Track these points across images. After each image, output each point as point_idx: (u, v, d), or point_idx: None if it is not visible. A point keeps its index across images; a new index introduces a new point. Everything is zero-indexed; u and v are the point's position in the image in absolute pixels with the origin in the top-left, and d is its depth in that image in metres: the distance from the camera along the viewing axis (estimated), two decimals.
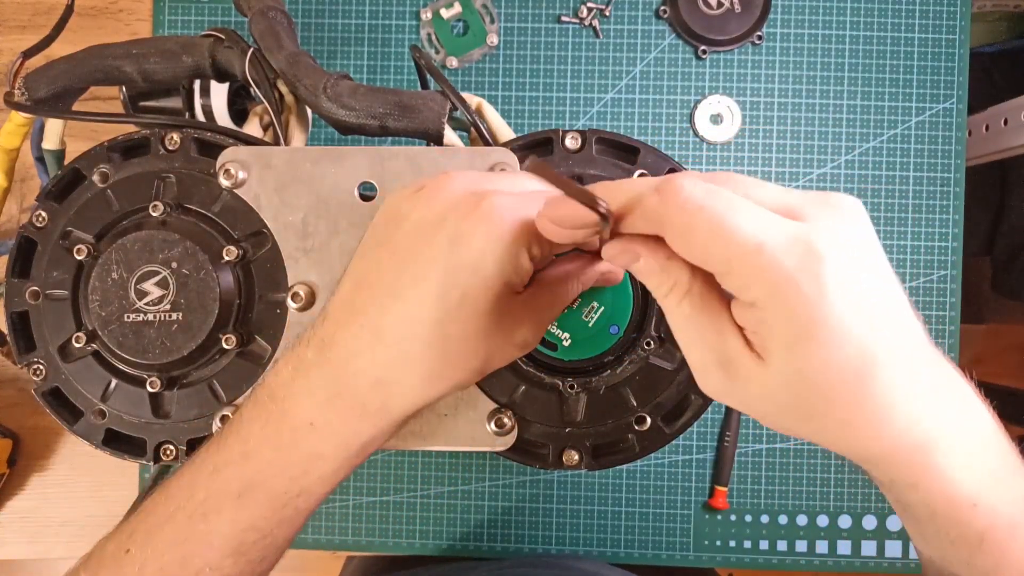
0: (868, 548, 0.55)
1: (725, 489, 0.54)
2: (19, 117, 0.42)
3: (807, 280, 0.22)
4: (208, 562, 0.29)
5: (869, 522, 0.55)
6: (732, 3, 0.54)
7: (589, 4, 0.55)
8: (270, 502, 0.29)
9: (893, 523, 0.55)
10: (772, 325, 0.23)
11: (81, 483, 0.56)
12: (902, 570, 0.55)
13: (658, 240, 0.25)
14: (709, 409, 0.48)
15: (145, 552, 0.29)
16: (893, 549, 0.55)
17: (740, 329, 0.24)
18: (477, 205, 0.27)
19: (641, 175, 0.38)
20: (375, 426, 0.29)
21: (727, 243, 0.22)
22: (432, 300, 0.27)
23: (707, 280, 0.25)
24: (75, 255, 0.37)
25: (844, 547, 0.55)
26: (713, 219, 0.22)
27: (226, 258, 0.37)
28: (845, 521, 0.55)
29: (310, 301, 0.37)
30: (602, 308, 0.36)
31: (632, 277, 0.37)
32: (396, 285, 0.28)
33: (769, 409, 0.25)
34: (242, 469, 0.29)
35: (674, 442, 0.50)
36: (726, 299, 0.25)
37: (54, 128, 0.44)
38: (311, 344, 0.29)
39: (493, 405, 0.36)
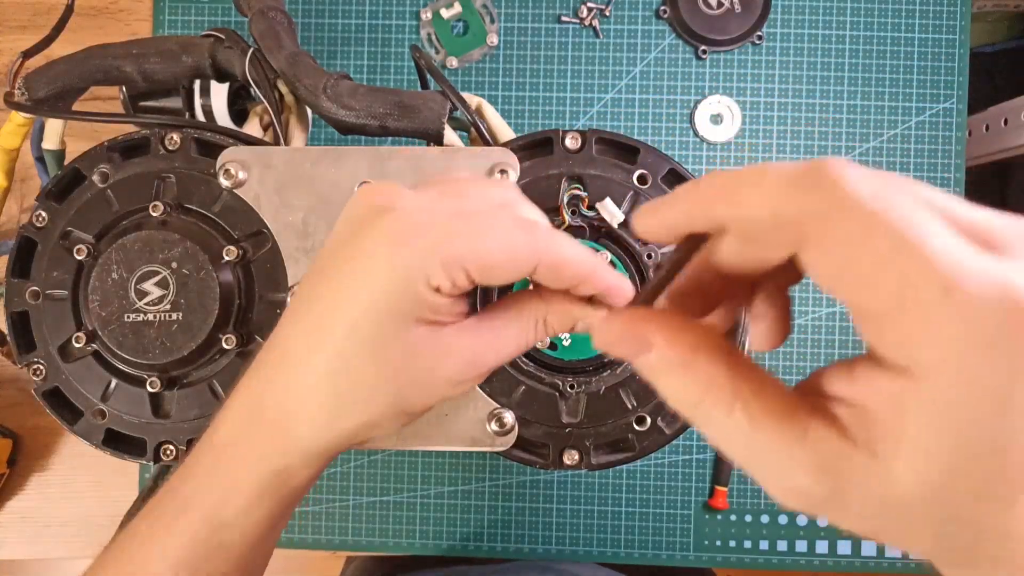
0: (868, 548, 0.55)
1: (725, 489, 0.54)
2: (19, 117, 0.42)
3: (1007, 351, 0.15)
4: None
5: None
6: (732, 3, 0.54)
7: (589, 4, 0.55)
8: (201, 525, 0.27)
9: None
10: (927, 403, 0.16)
11: (81, 483, 0.56)
12: (902, 570, 0.55)
13: (682, 321, 0.20)
14: None
15: None
16: (893, 549, 0.55)
17: (832, 417, 0.18)
18: (373, 224, 0.24)
19: (640, 176, 0.38)
20: (284, 456, 0.27)
21: (908, 269, 0.15)
22: (327, 327, 0.25)
23: (760, 376, 0.19)
24: (75, 255, 0.37)
25: (844, 547, 0.55)
26: (895, 229, 0.16)
27: (226, 258, 0.37)
28: None
29: None
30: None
31: (632, 279, 0.37)
32: (299, 309, 0.27)
33: (897, 525, 0.18)
34: (176, 494, 0.28)
35: (674, 442, 0.50)
36: (783, 387, 0.19)
37: (54, 128, 0.44)
38: (251, 367, 0.28)
39: (493, 405, 0.36)
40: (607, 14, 0.55)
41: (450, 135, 0.39)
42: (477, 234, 0.24)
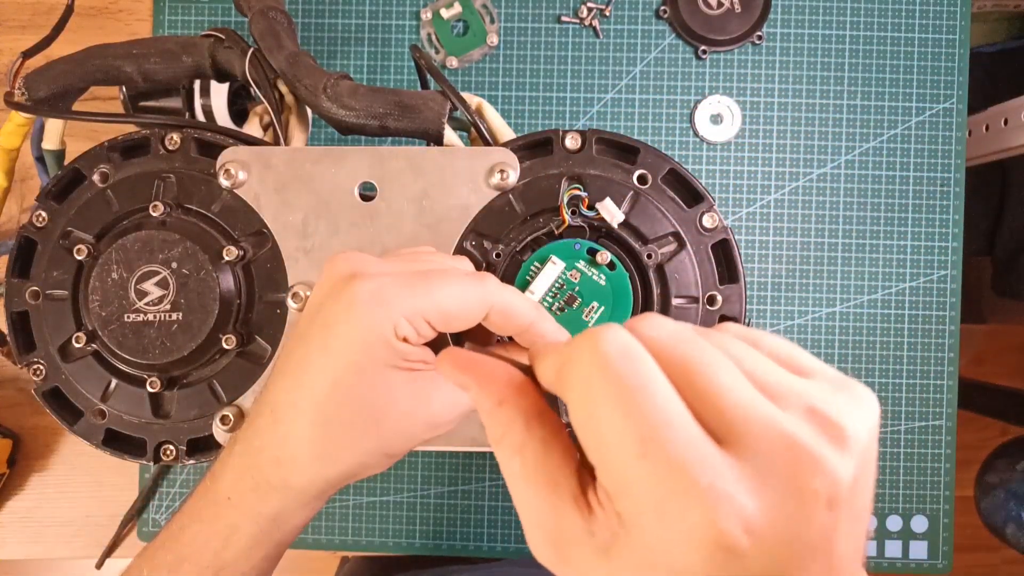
0: (868, 548, 0.55)
1: None
2: (19, 117, 0.42)
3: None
4: None
5: (869, 522, 0.55)
6: (732, 3, 0.54)
7: (589, 4, 0.55)
8: (202, 571, 0.29)
9: (893, 523, 0.55)
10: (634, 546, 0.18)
11: (81, 483, 0.56)
12: (902, 570, 0.55)
13: (505, 370, 0.23)
14: None
15: None
16: (893, 549, 0.55)
17: (585, 498, 0.19)
18: (343, 290, 0.27)
19: (640, 176, 0.38)
20: (281, 500, 0.29)
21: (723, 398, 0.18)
22: (311, 382, 0.27)
23: (551, 442, 0.21)
24: (75, 255, 0.37)
25: None
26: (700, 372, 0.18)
27: (226, 258, 0.37)
28: None
29: None
30: (602, 308, 0.36)
31: (632, 279, 0.37)
32: (286, 367, 0.29)
33: None
34: (176, 542, 0.30)
35: None
36: (571, 464, 0.21)
37: (54, 128, 0.44)
38: (246, 421, 0.31)
39: None
40: (607, 14, 0.55)
41: (450, 135, 0.39)
42: (434, 289, 0.27)
